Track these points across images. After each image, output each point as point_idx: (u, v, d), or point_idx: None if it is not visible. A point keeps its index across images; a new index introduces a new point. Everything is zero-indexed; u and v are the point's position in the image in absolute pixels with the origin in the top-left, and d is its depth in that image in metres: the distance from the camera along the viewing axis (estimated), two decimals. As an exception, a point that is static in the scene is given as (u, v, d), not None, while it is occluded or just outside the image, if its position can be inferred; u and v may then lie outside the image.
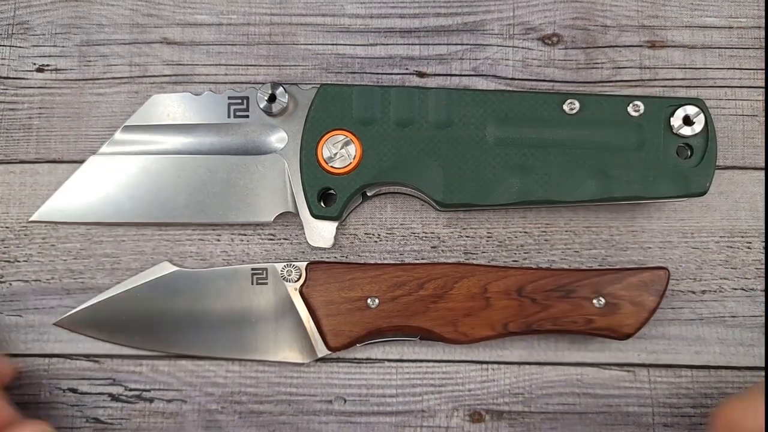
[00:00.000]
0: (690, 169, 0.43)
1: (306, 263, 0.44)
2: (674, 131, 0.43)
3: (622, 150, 0.43)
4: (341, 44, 0.49)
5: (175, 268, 0.45)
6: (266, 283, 0.44)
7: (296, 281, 0.44)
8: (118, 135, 0.46)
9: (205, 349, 0.44)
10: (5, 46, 0.49)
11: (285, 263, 0.44)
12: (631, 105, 0.43)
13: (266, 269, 0.44)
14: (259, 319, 0.44)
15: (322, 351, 0.44)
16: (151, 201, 0.45)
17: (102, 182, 0.46)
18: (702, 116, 0.42)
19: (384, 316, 0.43)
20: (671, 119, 0.43)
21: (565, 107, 0.43)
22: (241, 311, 0.44)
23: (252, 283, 0.44)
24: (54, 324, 0.45)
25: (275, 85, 0.44)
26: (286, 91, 0.44)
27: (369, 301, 0.43)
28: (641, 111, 0.43)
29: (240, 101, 0.45)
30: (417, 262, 0.46)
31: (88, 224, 0.47)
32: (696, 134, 0.43)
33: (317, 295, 0.43)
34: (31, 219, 0.46)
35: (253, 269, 0.44)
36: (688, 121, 0.43)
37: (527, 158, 0.43)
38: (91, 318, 0.45)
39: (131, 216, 0.46)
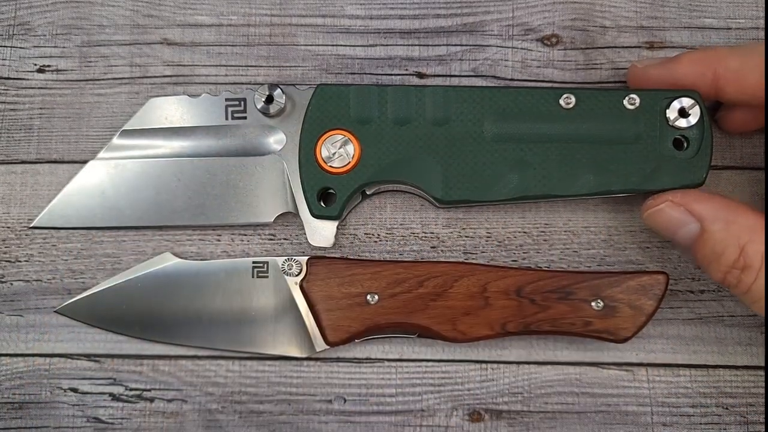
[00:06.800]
0: (686, 161, 0.43)
1: (307, 258, 0.44)
2: (670, 123, 0.43)
3: (618, 143, 0.43)
4: (341, 45, 0.49)
5: (177, 260, 0.45)
6: (267, 277, 0.44)
7: (297, 275, 0.44)
8: (117, 140, 0.46)
9: (204, 341, 0.45)
10: (6, 46, 0.49)
11: (286, 257, 0.44)
12: (627, 98, 0.43)
13: (267, 263, 0.44)
14: (258, 311, 0.44)
15: (320, 346, 0.44)
16: (150, 205, 0.46)
17: (101, 187, 0.46)
18: (697, 108, 0.43)
19: (383, 312, 0.43)
20: (667, 111, 0.43)
21: (561, 102, 0.43)
22: (241, 303, 0.44)
23: (253, 276, 0.44)
24: (55, 311, 0.46)
25: (272, 86, 0.44)
26: (283, 92, 0.44)
27: (369, 297, 0.43)
28: (637, 104, 0.43)
29: (237, 103, 0.45)
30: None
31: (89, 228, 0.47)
32: (691, 126, 0.43)
33: (317, 289, 0.44)
34: (31, 225, 0.47)
35: (254, 262, 0.45)
36: (683, 113, 0.43)
37: (525, 153, 0.44)
38: (91, 306, 0.45)
39: (131, 220, 0.46)
